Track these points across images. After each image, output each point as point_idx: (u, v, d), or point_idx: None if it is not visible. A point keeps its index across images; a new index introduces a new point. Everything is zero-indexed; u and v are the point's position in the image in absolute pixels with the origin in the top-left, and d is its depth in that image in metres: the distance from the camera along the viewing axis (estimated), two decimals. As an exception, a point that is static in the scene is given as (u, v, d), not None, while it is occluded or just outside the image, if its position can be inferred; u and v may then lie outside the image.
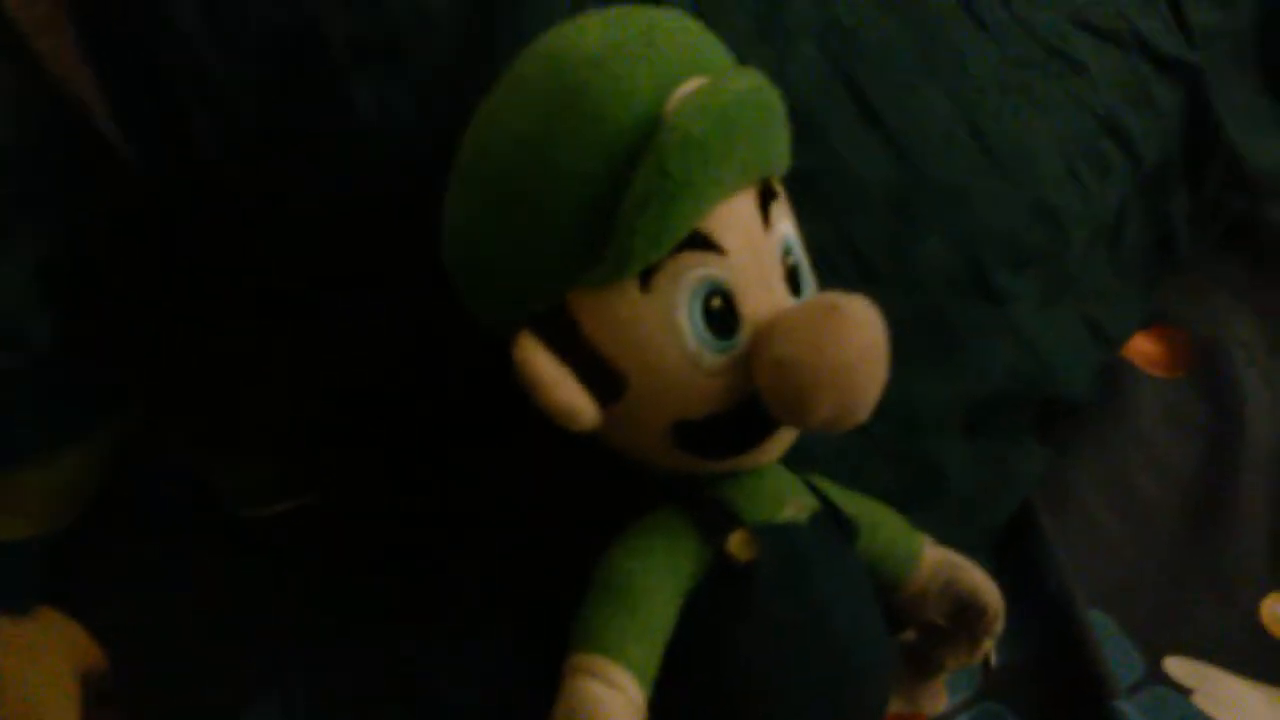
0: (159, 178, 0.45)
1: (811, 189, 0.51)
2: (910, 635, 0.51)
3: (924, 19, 0.58)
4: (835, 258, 0.52)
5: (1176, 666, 0.57)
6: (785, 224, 0.41)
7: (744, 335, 0.38)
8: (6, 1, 0.45)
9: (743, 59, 0.50)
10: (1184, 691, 0.56)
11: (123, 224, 0.46)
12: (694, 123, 0.36)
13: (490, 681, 0.45)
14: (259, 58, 0.44)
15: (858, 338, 0.36)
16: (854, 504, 0.46)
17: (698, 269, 0.37)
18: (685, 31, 0.40)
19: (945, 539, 0.55)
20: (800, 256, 0.42)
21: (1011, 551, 0.59)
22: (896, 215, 0.54)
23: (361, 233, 0.45)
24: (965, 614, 0.48)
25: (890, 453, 0.54)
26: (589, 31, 0.38)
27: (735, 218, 0.38)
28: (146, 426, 0.51)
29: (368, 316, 0.46)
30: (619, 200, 0.36)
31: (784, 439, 0.41)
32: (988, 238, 0.57)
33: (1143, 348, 0.73)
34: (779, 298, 0.39)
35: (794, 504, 0.42)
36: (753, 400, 0.38)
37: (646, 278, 0.37)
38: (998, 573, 0.57)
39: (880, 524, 0.47)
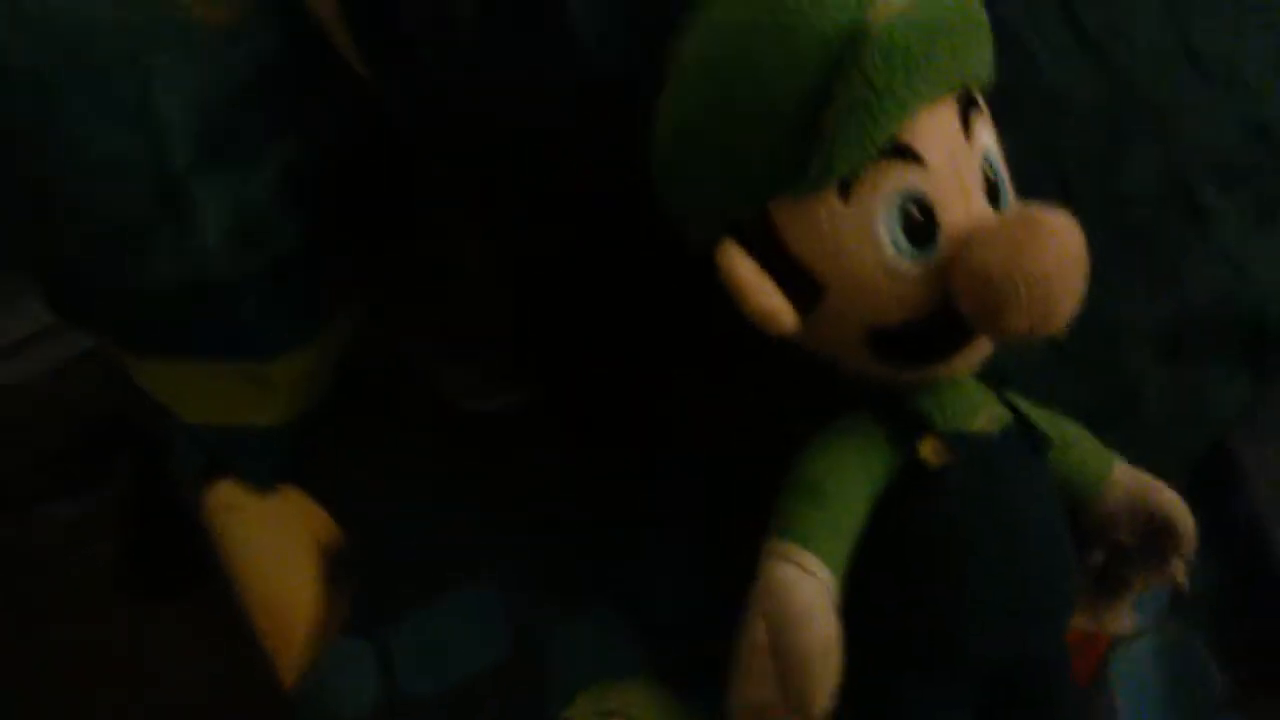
0: (391, 95, 0.49)
1: (1014, 104, 0.50)
2: (1098, 555, 0.51)
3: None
4: (1037, 173, 0.51)
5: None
6: (986, 135, 0.41)
7: (942, 245, 0.39)
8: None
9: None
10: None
11: (360, 137, 0.50)
12: (896, 32, 0.36)
13: (691, 573, 0.47)
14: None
15: (1055, 249, 0.37)
16: (1047, 420, 0.46)
17: (897, 179, 0.38)
18: None
19: (1135, 458, 0.54)
20: (1000, 169, 0.42)
21: (1207, 478, 0.58)
22: (1101, 131, 0.53)
23: (578, 148, 0.47)
24: (1155, 534, 0.48)
25: (1085, 371, 0.53)
26: None
27: (936, 128, 0.39)
28: (375, 323, 0.55)
29: (581, 229, 0.49)
30: (822, 110, 0.37)
31: (978, 350, 0.41)
32: (1196, 155, 0.55)
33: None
34: (978, 209, 0.40)
35: (986, 415, 0.43)
36: (949, 309, 0.38)
37: (846, 188, 0.38)
38: (1191, 499, 0.57)
39: (1072, 442, 0.48)
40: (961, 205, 0.39)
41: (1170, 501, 0.48)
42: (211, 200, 0.48)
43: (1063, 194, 0.52)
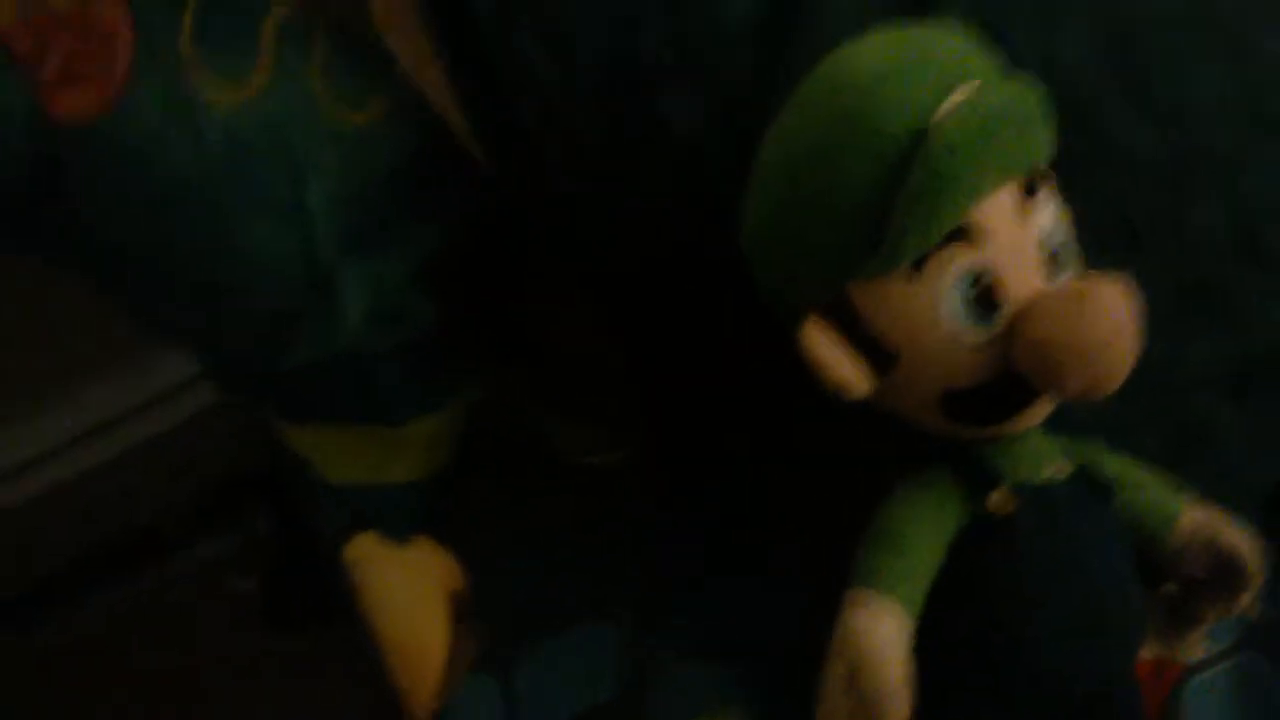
0: (512, 185, 0.55)
1: (1082, 167, 0.54)
2: (1171, 587, 0.54)
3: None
4: (1104, 230, 0.54)
5: None
6: (1046, 213, 0.45)
7: (1004, 316, 0.43)
8: (393, 43, 0.55)
9: (1015, 44, 0.54)
10: None
11: (488, 221, 0.56)
12: (958, 130, 0.41)
13: (789, 621, 0.52)
14: (588, 78, 0.53)
15: (1108, 318, 0.41)
16: (1115, 465, 0.50)
17: (963, 259, 0.42)
18: (955, 46, 0.46)
19: (1211, 497, 0.57)
20: (1061, 241, 0.46)
21: (1281, 513, 0.61)
22: (1167, 186, 0.56)
23: (677, 229, 0.53)
24: (1225, 570, 0.51)
25: (1154, 414, 0.56)
26: (868, 56, 0.45)
27: (997, 211, 0.43)
28: (500, 391, 0.61)
29: (684, 303, 0.54)
30: (893, 202, 0.41)
31: (1043, 407, 0.45)
32: (1263, 204, 0.58)
33: None
34: (1037, 281, 0.44)
35: (1053, 466, 0.47)
36: (1013, 373, 0.43)
37: (916, 267, 0.42)
38: (1267, 529, 0.59)
39: (1142, 485, 0.51)
40: (1022, 279, 0.43)
41: (1240, 540, 0.51)
42: (354, 286, 0.54)
43: (1130, 249, 0.56)
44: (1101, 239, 0.55)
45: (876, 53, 0.45)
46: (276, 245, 0.52)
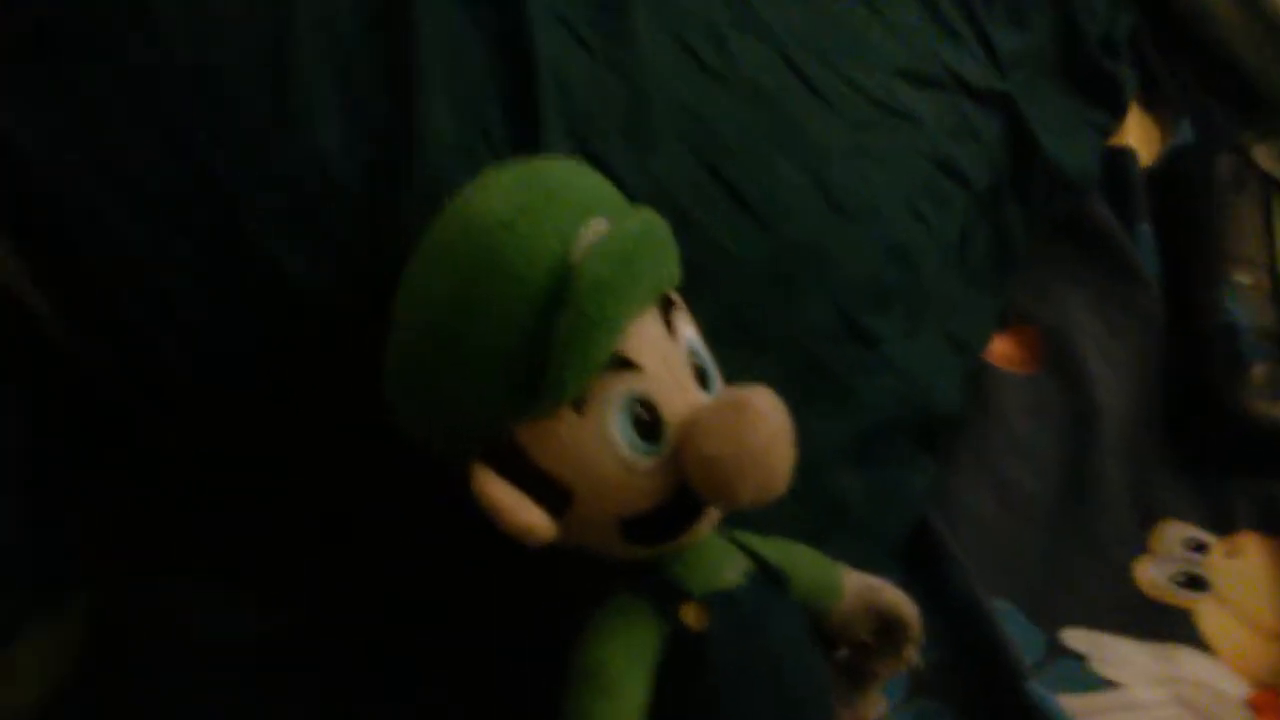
0: (106, 371, 0.49)
1: (696, 275, 0.56)
2: (844, 652, 0.57)
3: (770, 99, 0.64)
4: (726, 332, 0.57)
5: (1072, 637, 0.65)
6: (687, 328, 0.47)
7: (669, 436, 0.43)
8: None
9: (616, 168, 0.56)
10: (1080, 659, 0.64)
11: (73, 409, 0.50)
12: (602, 266, 0.41)
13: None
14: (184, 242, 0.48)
15: (766, 427, 0.42)
16: (776, 550, 0.52)
17: (621, 387, 0.43)
18: (579, 179, 0.46)
19: (854, 558, 0.61)
20: (704, 354, 0.47)
21: (916, 559, 0.66)
22: (772, 283, 0.60)
23: (317, 386, 0.49)
24: (888, 629, 0.54)
25: (797, 494, 0.60)
26: (494, 198, 0.44)
27: (645, 335, 0.44)
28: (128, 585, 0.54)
29: (336, 464, 0.51)
30: (545, 342, 0.41)
31: (715, 514, 0.46)
32: (852, 287, 0.64)
33: (1001, 350, 0.80)
34: (693, 396, 0.45)
35: (731, 568, 0.48)
36: (685, 490, 0.43)
37: (579, 402, 0.42)
38: (908, 581, 0.64)
39: (801, 563, 0.53)
40: (679, 397, 0.44)
41: (896, 598, 0.55)
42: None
43: (752, 347, 0.59)
44: (723, 340, 0.58)
45: (503, 193, 0.44)
46: None
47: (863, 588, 0.55)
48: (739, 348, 0.59)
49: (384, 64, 0.52)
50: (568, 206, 0.44)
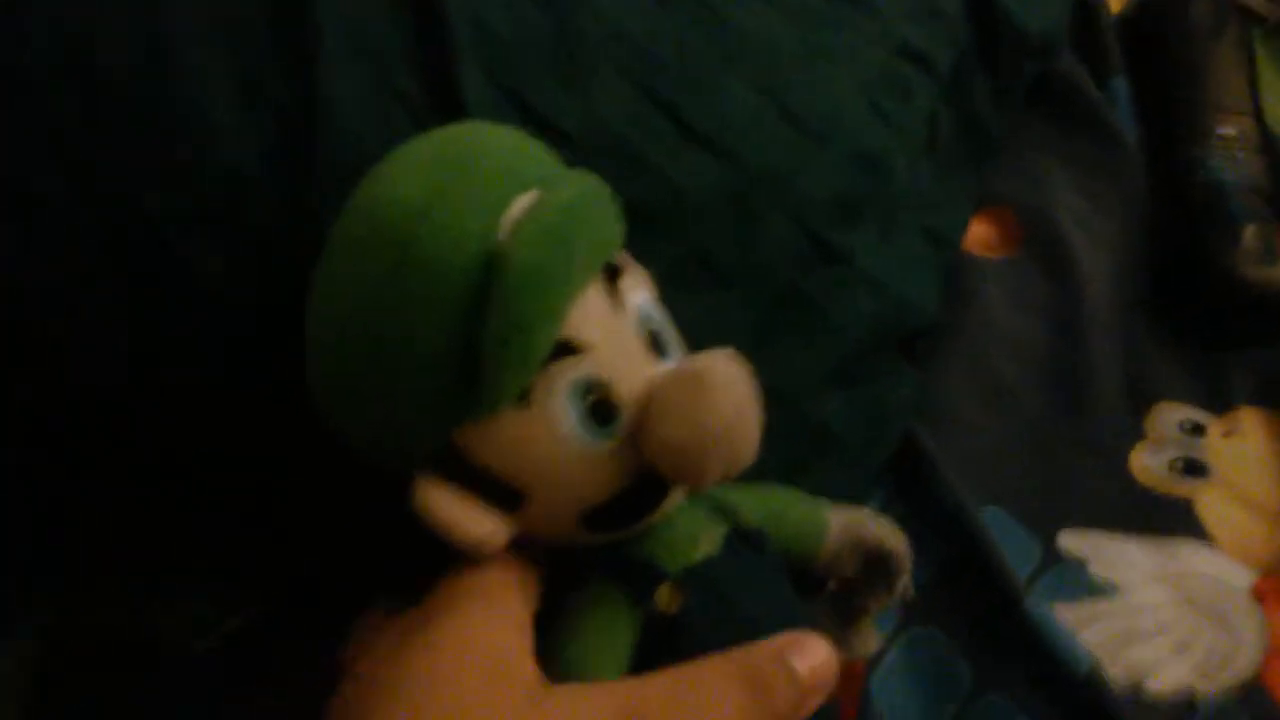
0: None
1: (649, 215, 0.52)
2: (832, 586, 0.55)
3: (709, 12, 0.59)
4: (687, 275, 0.54)
5: (1070, 540, 0.63)
6: (636, 294, 0.43)
7: (625, 417, 0.40)
8: None
9: (548, 112, 0.51)
10: (1079, 562, 0.62)
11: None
12: (530, 252, 0.37)
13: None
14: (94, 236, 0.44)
15: (727, 401, 0.38)
16: (757, 502, 0.49)
17: (567, 374, 0.39)
18: (501, 146, 0.41)
19: (840, 483, 0.59)
20: (658, 318, 0.43)
21: (902, 475, 0.64)
22: (733, 213, 0.56)
23: (241, 401, 0.46)
24: (876, 563, 0.52)
25: (780, 431, 0.57)
26: (406, 180, 0.39)
27: (589, 312, 0.40)
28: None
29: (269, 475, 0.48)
30: (477, 341, 0.37)
31: (679, 490, 0.43)
32: (817, 206, 0.60)
33: (977, 234, 0.76)
34: (648, 370, 0.41)
35: (706, 537, 0.45)
36: (648, 471, 0.40)
37: (523, 396, 0.38)
38: (894, 498, 0.62)
39: (783, 512, 0.51)
40: (632, 372, 0.40)
41: (882, 532, 0.53)
42: None
43: (717, 283, 0.55)
44: (687, 283, 0.54)
45: (414, 176, 0.39)
46: None
47: (848, 524, 0.52)
48: (703, 290, 0.56)
49: (276, 24, 0.46)
50: (489, 183, 0.39)
